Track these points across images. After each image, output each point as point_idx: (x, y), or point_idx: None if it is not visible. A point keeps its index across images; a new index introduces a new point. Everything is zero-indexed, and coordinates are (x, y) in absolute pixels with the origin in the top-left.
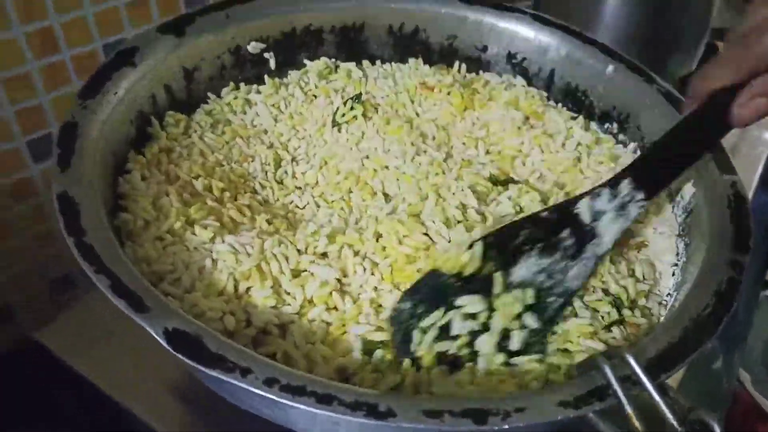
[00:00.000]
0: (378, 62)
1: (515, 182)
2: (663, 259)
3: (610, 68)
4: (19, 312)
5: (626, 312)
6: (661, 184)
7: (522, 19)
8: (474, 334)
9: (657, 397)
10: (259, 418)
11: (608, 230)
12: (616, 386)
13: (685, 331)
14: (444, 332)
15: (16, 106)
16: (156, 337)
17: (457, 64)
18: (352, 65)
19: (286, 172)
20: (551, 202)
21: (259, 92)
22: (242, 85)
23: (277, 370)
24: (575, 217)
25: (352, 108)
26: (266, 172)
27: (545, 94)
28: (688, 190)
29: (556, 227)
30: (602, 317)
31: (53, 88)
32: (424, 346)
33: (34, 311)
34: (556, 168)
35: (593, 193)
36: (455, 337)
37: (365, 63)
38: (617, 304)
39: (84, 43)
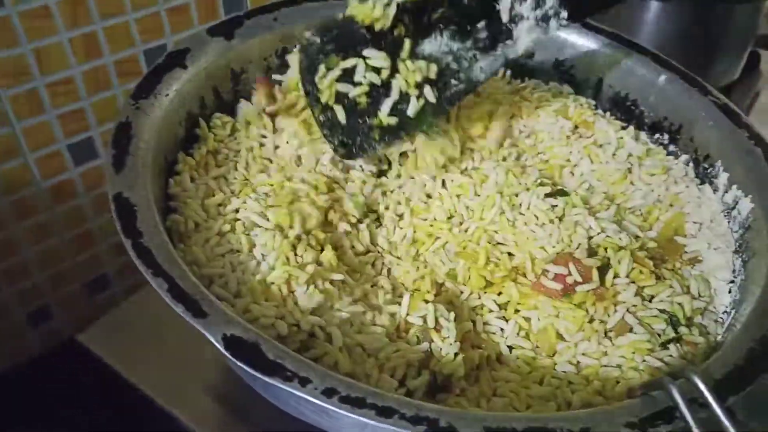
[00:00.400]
0: None
1: (565, 193)
2: (718, 275)
3: (663, 78)
4: (56, 313)
5: (682, 329)
6: (588, 8)
7: (571, 25)
8: (373, 89)
9: (726, 421)
10: (298, 420)
11: (523, 37)
12: (683, 408)
13: (752, 352)
14: (347, 77)
15: (58, 109)
16: (215, 343)
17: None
18: None
19: None
20: (601, 215)
21: None
22: None
23: (336, 380)
24: (495, 13)
25: None
26: None
27: (593, 102)
28: (746, 205)
29: (474, 15)
30: (658, 334)
31: (95, 92)
32: (327, 81)
33: (71, 312)
34: (606, 179)
35: None
36: (356, 84)
37: None
38: (673, 321)
39: (126, 48)
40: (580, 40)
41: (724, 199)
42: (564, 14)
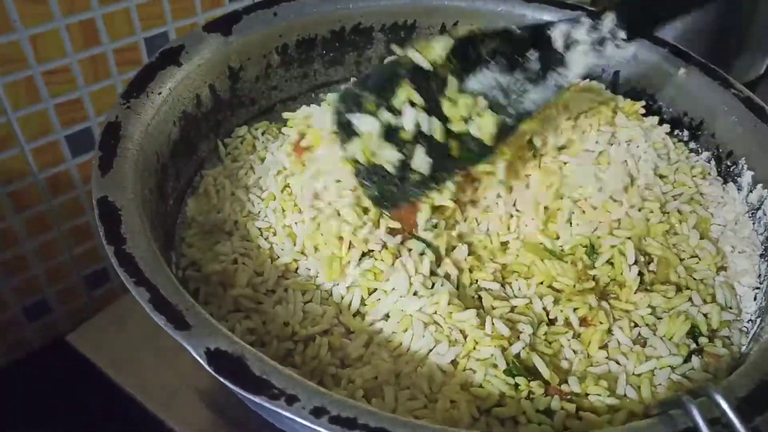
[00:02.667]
0: None
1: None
2: (743, 281)
3: (682, 71)
4: (54, 307)
5: (703, 340)
6: (647, 26)
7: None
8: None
9: None
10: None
11: (577, 63)
12: (704, 430)
13: None
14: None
15: (55, 99)
16: (197, 358)
17: None
18: None
19: None
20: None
21: None
22: None
23: (326, 398)
24: (547, 40)
25: None
26: None
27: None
28: None
29: (525, 45)
30: (677, 346)
31: (94, 81)
32: (363, 133)
33: (69, 305)
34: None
35: (572, 20)
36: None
37: None
38: (694, 333)
39: (126, 36)
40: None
41: (749, 199)
42: (622, 35)
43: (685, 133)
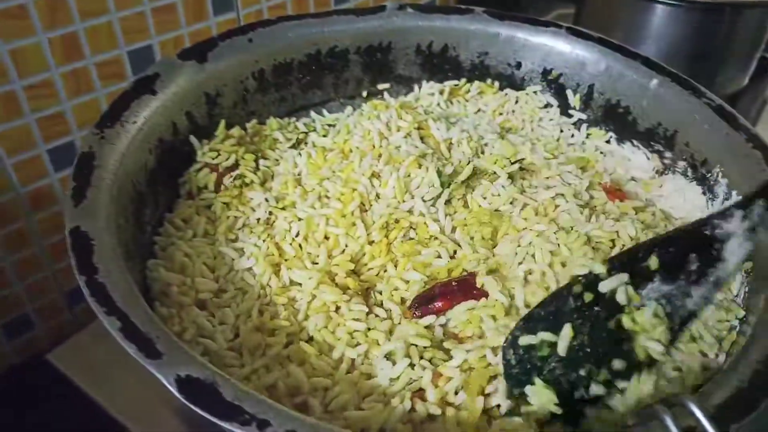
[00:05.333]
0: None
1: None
2: None
3: (654, 82)
4: (36, 322)
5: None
6: None
7: (557, 33)
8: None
9: None
10: None
11: (734, 254)
12: None
13: (757, 374)
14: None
15: (37, 113)
16: (168, 386)
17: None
18: None
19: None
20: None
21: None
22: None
23: (298, 422)
24: (705, 239)
25: None
26: None
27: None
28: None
29: (685, 250)
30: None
31: (76, 94)
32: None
33: (50, 322)
34: None
35: (725, 214)
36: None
37: None
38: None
39: (108, 49)
40: (567, 47)
41: (725, 206)
42: None
43: (661, 143)
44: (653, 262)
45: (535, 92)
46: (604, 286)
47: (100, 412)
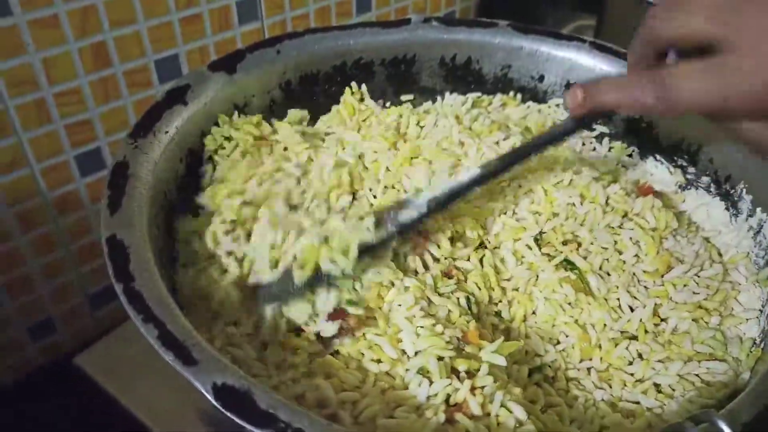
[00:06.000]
0: None
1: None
2: (746, 305)
3: None
4: (58, 326)
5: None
6: None
7: (581, 47)
8: None
9: None
10: None
11: None
12: None
13: None
14: None
15: (66, 119)
16: (204, 393)
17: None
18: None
19: None
20: None
21: None
22: None
23: (332, 431)
24: None
25: None
26: None
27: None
28: None
29: None
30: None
31: (104, 102)
32: None
33: (73, 325)
34: None
35: None
36: None
37: None
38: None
39: (136, 58)
40: (590, 61)
41: (749, 222)
42: None
43: (684, 158)
44: None
45: (557, 105)
46: None
47: (124, 414)
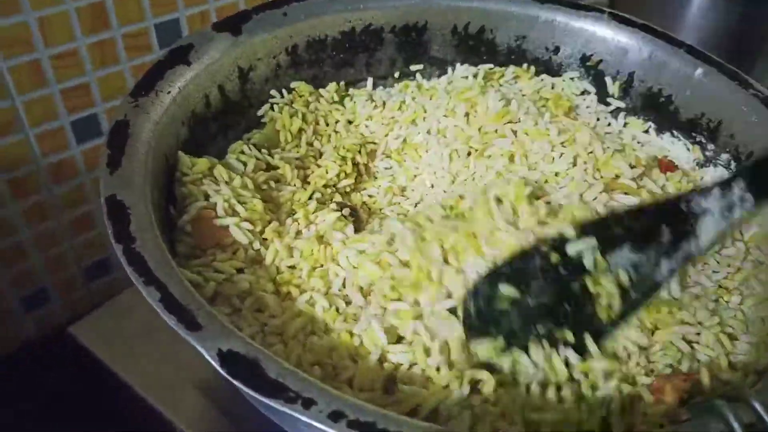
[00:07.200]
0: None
1: None
2: None
3: (699, 71)
4: (52, 297)
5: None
6: None
7: (599, 18)
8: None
9: None
10: None
11: (708, 231)
12: None
13: None
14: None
15: (62, 83)
16: (209, 359)
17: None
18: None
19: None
20: None
21: None
22: None
23: (344, 402)
24: (679, 214)
25: None
26: None
27: None
28: None
29: (658, 221)
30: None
31: (101, 66)
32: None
33: (68, 296)
34: None
35: (705, 190)
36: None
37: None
38: None
39: (136, 21)
40: (608, 33)
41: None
42: (750, 200)
43: (703, 134)
44: (624, 229)
45: (572, 79)
46: (571, 249)
47: (119, 384)
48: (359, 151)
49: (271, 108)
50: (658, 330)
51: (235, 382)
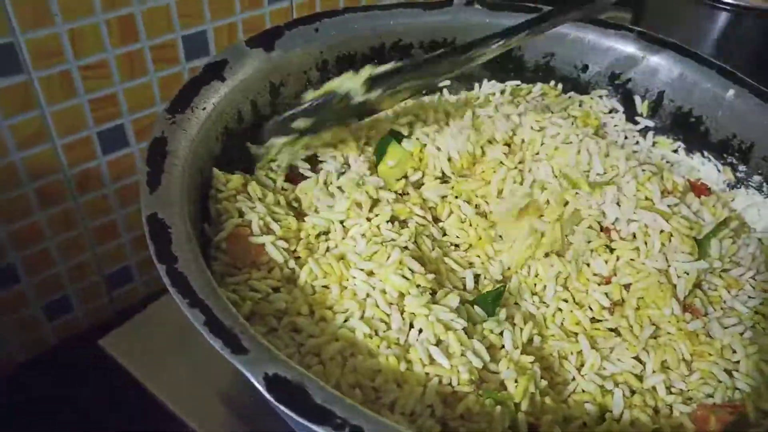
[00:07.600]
0: None
1: None
2: None
3: (731, 92)
4: (75, 304)
5: None
6: None
7: (628, 36)
8: None
9: None
10: None
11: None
12: None
13: None
14: None
15: (91, 94)
16: (256, 384)
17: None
18: None
19: None
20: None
21: None
22: None
23: (391, 429)
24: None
25: None
26: None
27: None
28: None
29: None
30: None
31: (130, 77)
32: None
33: (89, 304)
34: None
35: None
36: None
37: None
38: None
39: (164, 33)
40: (638, 52)
41: None
42: None
43: (734, 156)
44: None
45: (600, 97)
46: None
47: (144, 394)
48: None
49: None
50: (695, 358)
51: (282, 408)
